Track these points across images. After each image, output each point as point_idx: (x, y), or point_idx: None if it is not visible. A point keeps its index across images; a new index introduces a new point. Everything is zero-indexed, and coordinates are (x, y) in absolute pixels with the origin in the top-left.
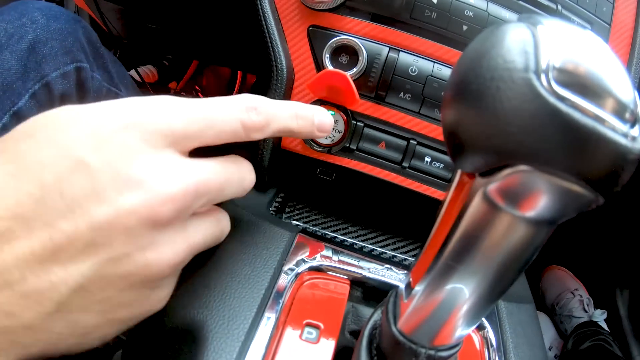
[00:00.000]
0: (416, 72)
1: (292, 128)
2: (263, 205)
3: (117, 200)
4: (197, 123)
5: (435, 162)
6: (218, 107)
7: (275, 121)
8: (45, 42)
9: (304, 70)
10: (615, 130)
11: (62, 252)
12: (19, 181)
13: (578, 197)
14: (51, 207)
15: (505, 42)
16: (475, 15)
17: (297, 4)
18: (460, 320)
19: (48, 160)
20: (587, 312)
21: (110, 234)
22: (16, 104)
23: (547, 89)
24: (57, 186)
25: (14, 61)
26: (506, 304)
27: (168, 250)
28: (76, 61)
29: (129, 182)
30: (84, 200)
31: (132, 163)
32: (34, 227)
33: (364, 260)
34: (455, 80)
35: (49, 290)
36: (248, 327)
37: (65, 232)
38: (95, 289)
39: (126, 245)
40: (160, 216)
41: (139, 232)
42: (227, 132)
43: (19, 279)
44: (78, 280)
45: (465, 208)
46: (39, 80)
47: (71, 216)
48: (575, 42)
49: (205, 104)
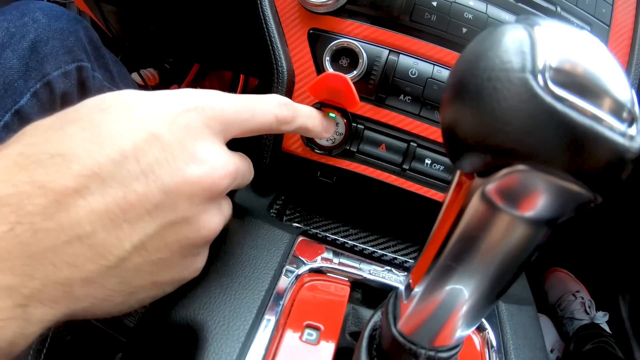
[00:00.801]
0: (416, 75)
1: (308, 126)
2: (264, 208)
3: (186, 170)
4: (244, 113)
5: (436, 164)
6: (258, 101)
7: (299, 117)
8: (46, 42)
9: (304, 73)
10: (613, 129)
11: (132, 210)
12: (99, 145)
13: (576, 196)
14: (128, 170)
15: (502, 43)
16: (474, 18)
17: (298, 7)
18: (460, 321)
19: (125, 130)
20: (589, 314)
21: (176, 198)
22: (18, 103)
23: (544, 89)
24: (134, 153)
25: (16, 60)
26: (507, 305)
27: (215, 219)
28: (77, 60)
29: (195, 157)
30: (157, 167)
31: (196, 141)
32: (109, 185)
33: (364, 262)
34: (453, 81)
35: (114, 245)
36: (248, 328)
37: (137, 193)
38: (153, 249)
39: (188, 210)
40: (218, 188)
41: (199, 200)
42: (264, 123)
43: (89, 232)
44: (141, 238)
45: (464, 208)
46: (41, 79)
47: (144, 179)
48: (572, 42)
49: (248, 98)
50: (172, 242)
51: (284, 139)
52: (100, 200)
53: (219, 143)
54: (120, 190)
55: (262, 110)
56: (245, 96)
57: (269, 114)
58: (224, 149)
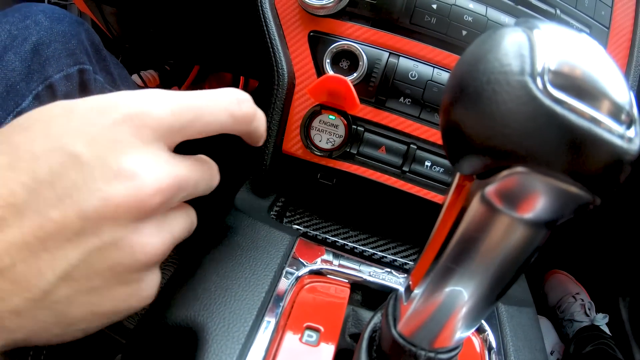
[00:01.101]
0: (416, 77)
1: (262, 129)
2: (264, 210)
3: (107, 191)
4: (186, 114)
5: (436, 166)
6: (206, 98)
7: (258, 117)
8: (48, 44)
9: (305, 75)
10: (612, 131)
11: (51, 240)
12: (14, 172)
13: (575, 198)
14: (43, 197)
15: (501, 46)
16: (474, 20)
17: (298, 10)
18: (459, 323)
19: (42, 152)
20: (589, 316)
21: (98, 223)
22: (20, 105)
23: (543, 92)
24: (50, 177)
25: (18, 62)
26: (507, 307)
27: (153, 240)
28: (79, 63)
29: (119, 174)
30: (75, 191)
31: (121, 156)
32: (25, 215)
33: (364, 264)
34: (453, 83)
35: (36, 277)
36: (248, 329)
37: (54, 221)
38: (81, 277)
39: (113, 233)
40: (147, 206)
41: (125, 222)
42: (215, 124)
43: (9, 265)
44: (65, 267)
45: (463, 210)
46: (43, 82)
47: (61, 206)
48: (571, 45)
49: (193, 96)
50: (102, 270)
51: (284, 141)
52: (17, 231)
53: (154, 153)
54: (37, 220)
55: (212, 108)
56: (190, 94)
57: (221, 113)
58: (162, 159)
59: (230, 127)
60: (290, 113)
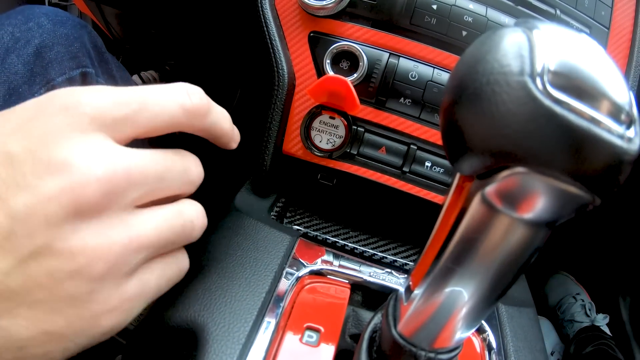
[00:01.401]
0: (416, 78)
1: (222, 125)
2: (264, 210)
3: (37, 186)
4: (130, 104)
5: (436, 166)
6: (154, 91)
7: (213, 112)
8: (51, 47)
9: (305, 76)
10: (611, 131)
11: None
12: None
13: (575, 198)
14: None
15: (501, 47)
16: (474, 21)
17: (299, 11)
18: (459, 323)
19: None
20: (589, 316)
21: (29, 223)
22: None
23: (542, 92)
24: None
25: (20, 65)
26: (507, 307)
27: (98, 241)
28: (82, 66)
29: (50, 166)
30: (5, 190)
31: (54, 148)
32: None
33: (364, 264)
34: (453, 84)
35: None
36: (249, 330)
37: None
38: (21, 290)
39: (47, 235)
40: (84, 201)
41: (61, 221)
42: (164, 116)
43: None
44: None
45: (464, 210)
46: (45, 85)
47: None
48: (570, 45)
49: (140, 88)
50: (42, 279)
51: (285, 142)
52: None
53: (95, 143)
54: None
55: (158, 99)
56: (139, 87)
57: (170, 103)
58: (104, 149)
59: (184, 121)
60: (291, 114)
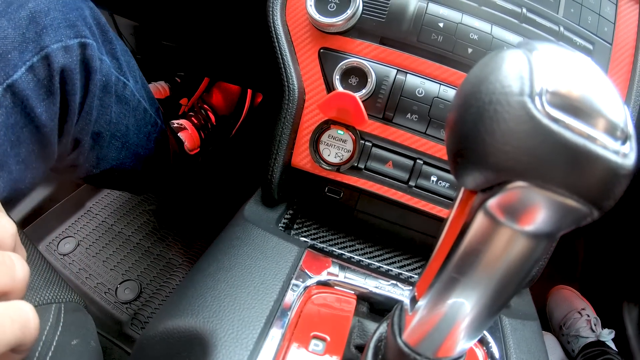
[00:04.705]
0: (423, 94)
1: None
2: (272, 221)
3: None
4: None
5: (441, 181)
6: None
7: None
8: (47, 12)
9: (314, 91)
10: (607, 147)
11: None
12: None
13: (573, 211)
14: None
15: (503, 68)
16: (480, 39)
17: (309, 27)
18: (462, 332)
19: None
20: (595, 331)
21: None
22: (11, 76)
23: (541, 111)
24: None
25: (11, 29)
26: (510, 320)
27: None
28: (80, 36)
29: None
30: None
31: None
32: None
33: (370, 276)
34: (458, 103)
35: None
36: (257, 337)
37: None
38: None
39: None
40: None
41: None
42: None
43: None
44: None
45: (467, 223)
46: (38, 52)
47: None
48: (568, 65)
49: None
50: None
51: (294, 155)
52: None
53: None
54: None
55: None
56: None
57: None
58: None
59: None
60: (300, 127)
